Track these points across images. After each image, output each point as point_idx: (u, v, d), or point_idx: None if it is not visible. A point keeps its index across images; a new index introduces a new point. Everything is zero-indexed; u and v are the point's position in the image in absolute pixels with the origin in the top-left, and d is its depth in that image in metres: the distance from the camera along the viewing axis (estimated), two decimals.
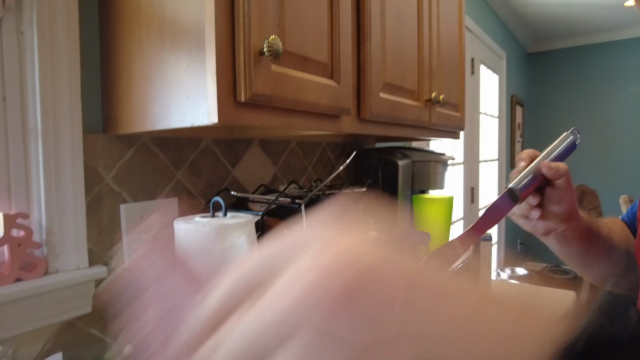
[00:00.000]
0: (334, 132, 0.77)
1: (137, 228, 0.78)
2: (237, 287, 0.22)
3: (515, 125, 4.00)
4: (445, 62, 1.21)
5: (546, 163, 0.54)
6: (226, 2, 0.54)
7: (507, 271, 3.30)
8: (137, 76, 0.65)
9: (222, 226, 0.60)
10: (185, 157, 0.87)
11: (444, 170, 1.33)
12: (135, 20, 0.65)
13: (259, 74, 0.56)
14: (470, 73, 2.70)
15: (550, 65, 4.52)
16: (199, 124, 0.56)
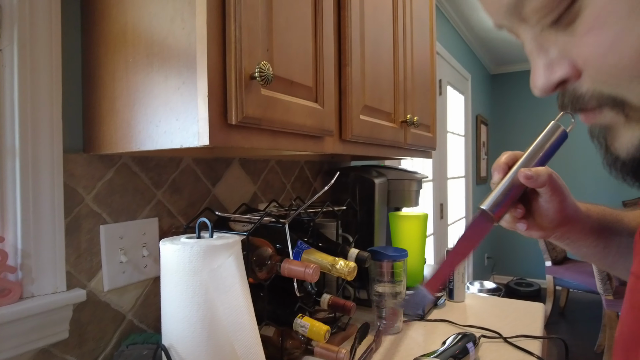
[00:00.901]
0: (317, 152, 0.79)
1: (117, 249, 0.77)
2: None
3: (480, 143, 4.17)
4: (418, 86, 1.26)
5: (523, 172, 0.47)
6: (217, 27, 0.55)
7: (476, 284, 3.38)
8: (122, 97, 0.65)
9: (210, 247, 0.60)
10: (166, 177, 0.87)
11: (419, 188, 1.37)
12: (121, 40, 0.65)
13: (250, 97, 0.57)
14: (438, 94, 2.81)
15: (511, 86, 4.75)
16: (189, 145, 0.56)
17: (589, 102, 0.32)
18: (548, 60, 0.32)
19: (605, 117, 0.32)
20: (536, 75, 0.33)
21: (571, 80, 0.32)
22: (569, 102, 0.34)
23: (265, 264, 0.74)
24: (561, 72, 0.32)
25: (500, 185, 0.48)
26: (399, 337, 1.02)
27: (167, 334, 0.62)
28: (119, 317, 0.78)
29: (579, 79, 0.31)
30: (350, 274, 0.79)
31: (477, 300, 1.29)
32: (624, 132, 0.32)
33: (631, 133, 0.32)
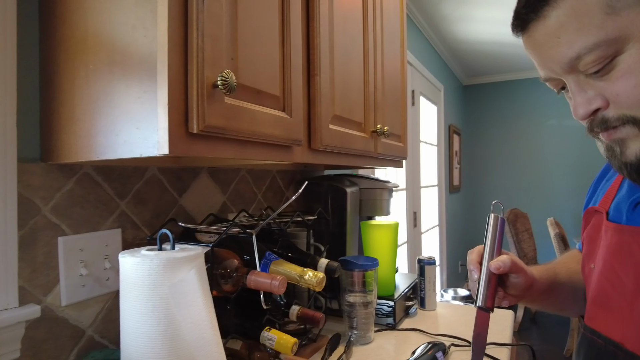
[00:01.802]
0: (286, 162, 0.79)
1: (77, 262, 0.74)
2: None
3: (452, 153, 4.25)
4: (389, 96, 1.28)
5: (493, 265, 0.62)
6: (179, 36, 0.54)
7: (450, 292, 3.42)
8: (82, 105, 0.63)
9: (171, 260, 0.58)
10: (130, 187, 0.84)
11: (390, 197, 1.38)
12: (81, 47, 0.63)
13: (212, 106, 0.56)
14: (411, 104, 2.85)
15: (483, 98, 4.88)
16: (149, 155, 0.55)
17: (614, 122, 0.49)
18: (587, 97, 0.50)
19: (622, 132, 0.50)
20: (579, 107, 0.51)
21: (601, 110, 0.50)
22: (597, 124, 0.51)
23: (231, 276, 0.72)
24: (597, 104, 0.50)
25: (481, 282, 0.62)
26: (370, 348, 1.01)
27: (126, 350, 0.60)
28: (78, 333, 0.75)
29: (606, 109, 0.50)
30: (318, 285, 0.78)
31: (448, 309, 1.30)
32: (634, 143, 0.50)
33: (636, 144, 0.49)
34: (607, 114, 0.49)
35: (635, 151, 0.49)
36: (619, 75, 0.46)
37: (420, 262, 1.28)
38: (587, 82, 0.49)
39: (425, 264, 1.27)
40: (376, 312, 1.13)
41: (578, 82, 0.50)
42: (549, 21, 0.49)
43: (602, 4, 0.45)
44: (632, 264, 0.52)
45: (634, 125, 0.48)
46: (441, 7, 2.88)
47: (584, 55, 0.47)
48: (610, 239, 0.57)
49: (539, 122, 4.55)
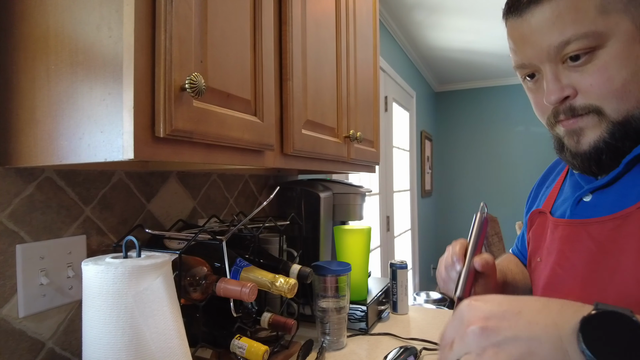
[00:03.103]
0: (257, 166, 0.78)
1: (37, 271, 0.70)
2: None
3: (424, 158, 4.32)
4: (362, 101, 1.29)
5: (478, 262, 0.64)
6: (146, 37, 0.53)
7: (422, 295, 3.46)
8: (43, 106, 0.60)
9: (136, 268, 0.57)
10: (96, 192, 0.81)
11: (363, 201, 1.38)
12: (42, 47, 0.60)
13: (180, 109, 0.55)
14: (384, 110, 2.89)
15: (454, 104, 4.99)
16: (113, 159, 0.53)
17: (579, 110, 0.56)
18: (560, 85, 0.56)
19: (584, 121, 0.56)
20: (552, 93, 0.57)
21: (571, 97, 0.56)
22: (563, 111, 0.57)
23: (199, 284, 0.70)
24: (568, 92, 0.56)
25: (463, 275, 0.65)
26: (343, 353, 1.01)
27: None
28: (37, 346, 0.71)
29: (574, 99, 0.56)
30: (290, 292, 0.78)
31: (420, 313, 1.32)
32: (590, 133, 0.56)
33: (594, 133, 0.56)
34: (575, 102, 0.56)
35: (590, 141, 0.56)
36: (595, 68, 0.53)
37: (392, 266, 1.29)
38: (563, 73, 0.56)
39: (397, 268, 1.28)
40: (349, 317, 1.13)
41: (555, 72, 0.57)
42: (549, 9, 0.55)
43: (598, 4, 0.53)
44: (583, 250, 0.58)
45: (597, 115, 0.55)
46: (413, 14, 2.94)
47: (573, 41, 0.53)
48: (561, 232, 0.63)
49: (507, 129, 4.69)
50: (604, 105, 0.54)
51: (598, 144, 0.56)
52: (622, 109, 0.54)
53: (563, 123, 0.58)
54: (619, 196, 0.56)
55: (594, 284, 0.56)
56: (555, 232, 0.64)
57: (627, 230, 0.53)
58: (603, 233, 0.56)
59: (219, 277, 0.72)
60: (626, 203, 0.55)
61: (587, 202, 0.61)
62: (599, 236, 0.56)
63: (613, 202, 0.57)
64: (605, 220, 0.56)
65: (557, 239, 0.63)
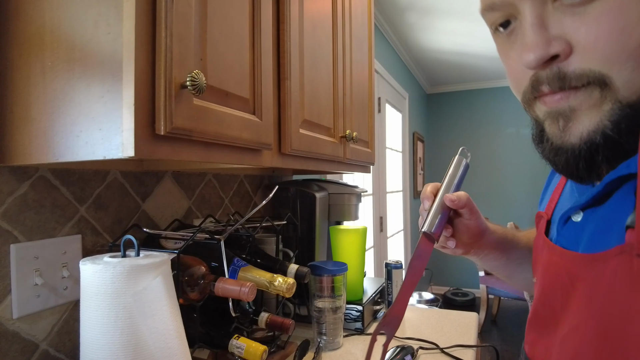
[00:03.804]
0: (255, 165, 0.77)
1: (31, 271, 0.69)
2: None
3: (417, 159, 4.34)
4: (357, 102, 1.29)
5: (448, 197, 0.56)
6: (146, 34, 0.52)
7: (415, 295, 3.48)
8: (39, 103, 0.59)
9: (135, 267, 0.56)
10: (91, 191, 0.80)
11: (358, 202, 1.38)
12: (37, 42, 0.60)
13: (180, 107, 0.55)
14: (377, 111, 2.90)
15: (446, 106, 5.03)
16: (112, 157, 0.52)
17: (574, 80, 0.36)
18: (547, 36, 0.36)
19: (579, 97, 0.36)
20: (534, 47, 0.36)
21: (560, 58, 0.36)
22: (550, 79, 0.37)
23: (197, 283, 0.70)
24: (558, 48, 0.36)
25: (432, 210, 0.57)
26: (339, 353, 1.01)
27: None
28: (31, 348, 0.70)
29: (567, 60, 0.36)
30: (289, 291, 0.77)
31: (414, 312, 1.32)
32: (585, 116, 0.36)
33: (589, 119, 0.36)
34: (568, 65, 0.36)
35: (583, 129, 0.37)
36: (604, 9, 0.33)
37: (387, 266, 1.30)
38: (554, 15, 0.36)
39: (392, 268, 1.29)
40: (345, 317, 1.13)
41: (539, 13, 0.37)
42: None
43: None
44: (560, 287, 0.44)
45: (600, 88, 0.35)
46: (406, 16, 2.95)
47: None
48: (545, 257, 0.49)
49: (498, 131, 4.73)
50: (612, 72, 0.34)
51: (594, 137, 0.36)
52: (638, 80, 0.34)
53: (546, 99, 0.39)
54: (605, 225, 0.39)
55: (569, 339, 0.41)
56: (543, 253, 0.51)
57: (600, 281, 0.38)
58: (578, 274, 0.41)
59: (216, 276, 0.71)
60: (608, 239, 0.38)
61: (575, 223, 0.44)
62: (575, 277, 0.41)
63: (598, 231, 0.40)
64: (581, 260, 0.41)
65: (542, 264, 0.50)
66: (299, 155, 0.91)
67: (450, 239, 0.60)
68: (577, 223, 0.44)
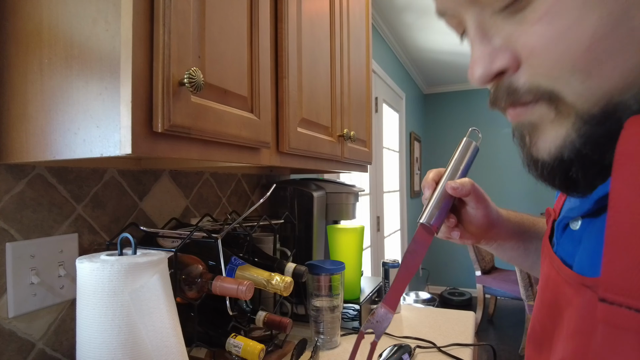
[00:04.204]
0: (254, 164, 0.77)
1: (27, 270, 0.69)
2: None
3: (413, 159, 4.35)
4: (355, 101, 1.29)
5: (450, 184, 0.50)
6: (144, 31, 0.52)
7: (412, 295, 3.48)
8: (36, 101, 0.59)
9: (132, 265, 0.56)
10: (88, 190, 0.80)
11: (355, 201, 1.39)
12: (35, 40, 0.59)
13: (178, 104, 0.54)
14: (375, 111, 2.90)
15: (443, 106, 5.04)
16: (110, 154, 0.52)
17: (524, 95, 0.32)
18: (491, 48, 0.32)
19: (535, 113, 0.32)
20: (476, 64, 0.33)
21: (509, 71, 0.32)
22: (502, 95, 0.33)
23: (195, 282, 0.70)
24: (502, 62, 0.32)
25: (432, 199, 0.52)
26: (337, 352, 1.01)
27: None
28: (27, 347, 0.70)
29: (517, 72, 0.32)
30: (286, 290, 0.77)
31: (412, 311, 1.32)
32: (549, 131, 0.32)
33: (555, 133, 0.31)
34: (517, 80, 0.32)
35: (550, 145, 0.32)
36: (536, 16, 0.29)
37: (384, 265, 1.30)
38: (494, 24, 0.32)
39: (389, 267, 1.29)
40: (342, 316, 1.13)
41: (481, 24, 0.33)
42: None
43: None
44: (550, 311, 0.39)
45: (550, 103, 0.31)
46: (403, 16, 2.96)
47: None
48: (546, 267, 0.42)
49: (494, 131, 4.74)
50: (559, 86, 0.30)
51: (562, 152, 0.31)
52: (593, 90, 0.28)
53: (508, 112, 0.35)
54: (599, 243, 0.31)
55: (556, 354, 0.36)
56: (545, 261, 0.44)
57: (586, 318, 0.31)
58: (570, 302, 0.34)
59: (214, 275, 0.71)
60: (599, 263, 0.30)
61: (574, 232, 0.38)
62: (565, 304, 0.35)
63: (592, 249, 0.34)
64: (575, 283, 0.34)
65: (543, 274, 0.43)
66: (297, 154, 0.91)
67: (455, 230, 0.55)
68: (575, 232, 0.38)
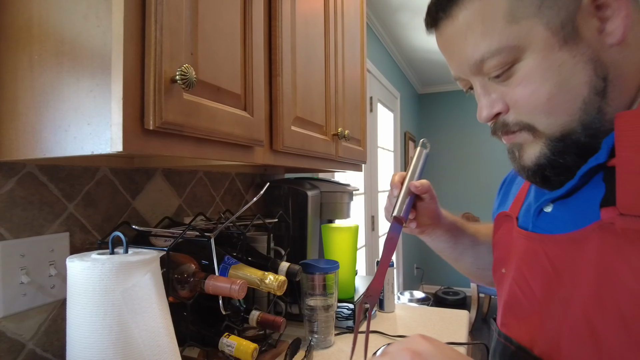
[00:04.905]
0: (247, 162, 0.77)
1: (17, 269, 0.68)
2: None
3: (408, 159, 4.36)
4: (349, 100, 1.29)
5: (414, 184, 0.67)
6: (136, 27, 0.51)
7: (406, 294, 3.49)
8: (26, 98, 0.58)
9: (123, 264, 0.55)
10: (80, 188, 0.79)
11: (350, 200, 1.38)
12: (25, 35, 0.58)
13: (170, 101, 0.54)
14: (369, 110, 2.90)
15: (437, 106, 5.05)
16: (101, 152, 0.52)
17: (512, 127, 0.51)
18: (491, 100, 0.52)
19: (520, 138, 0.52)
20: (483, 109, 0.53)
21: (502, 113, 0.52)
22: (499, 128, 0.53)
23: (187, 281, 0.69)
24: (498, 107, 0.51)
25: (400, 197, 0.67)
26: (331, 351, 1.01)
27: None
28: (17, 347, 0.69)
29: (507, 113, 0.51)
30: (280, 289, 0.77)
31: (406, 311, 1.32)
32: (530, 148, 0.51)
33: (533, 149, 0.51)
34: (507, 118, 0.51)
35: (531, 156, 0.51)
36: (517, 82, 0.48)
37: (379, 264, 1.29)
38: (492, 86, 0.51)
39: None
40: (336, 315, 1.13)
41: (483, 85, 0.52)
42: (458, 21, 0.50)
43: (505, 12, 0.47)
44: (540, 272, 0.51)
45: (529, 132, 0.50)
46: (398, 15, 2.96)
47: (487, 59, 0.49)
48: (520, 245, 0.56)
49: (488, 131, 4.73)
50: (534, 121, 0.49)
51: (539, 160, 0.50)
52: (554, 123, 0.48)
53: (503, 138, 0.54)
54: (578, 211, 0.49)
55: (550, 316, 0.49)
56: (517, 244, 0.58)
57: (582, 256, 0.46)
58: (559, 255, 0.49)
59: (207, 274, 0.70)
60: (583, 221, 0.47)
61: (547, 213, 0.54)
62: (555, 258, 0.50)
63: (572, 217, 0.50)
64: (562, 240, 0.49)
65: (517, 253, 0.57)
66: (291, 152, 0.91)
67: (413, 221, 0.72)
68: (549, 213, 0.53)
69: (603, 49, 0.46)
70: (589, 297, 0.44)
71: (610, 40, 0.46)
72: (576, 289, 0.46)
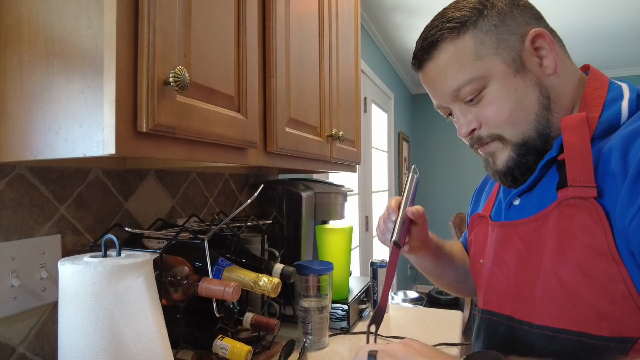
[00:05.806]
0: (240, 164, 0.76)
1: (7, 272, 0.67)
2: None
3: (402, 159, 4.37)
4: (344, 101, 1.29)
5: (410, 210, 0.75)
6: (128, 28, 0.51)
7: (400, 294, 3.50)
8: (16, 99, 0.57)
9: (116, 267, 0.54)
10: (71, 190, 0.78)
11: (344, 201, 1.38)
12: (14, 36, 0.58)
13: (163, 104, 0.53)
14: (364, 111, 2.90)
15: (431, 106, 5.04)
16: (93, 155, 0.51)
17: (485, 139, 0.66)
18: (467, 120, 0.66)
19: (492, 147, 0.66)
20: (462, 127, 0.67)
21: (477, 129, 0.66)
22: (475, 141, 0.68)
23: (181, 284, 0.69)
24: (474, 125, 0.66)
25: (397, 222, 0.74)
26: (325, 352, 1.00)
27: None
28: (7, 351, 0.68)
29: (481, 129, 0.66)
30: (274, 291, 0.77)
31: (400, 311, 1.33)
32: (501, 155, 0.66)
33: (503, 155, 0.66)
34: (481, 133, 0.66)
35: (502, 161, 0.66)
36: (486, 103, 0.63)
37: (373, 265, 1.30)
38: (467, 109, 0.66)
39: (377, 267, 1.29)
40: (330, 316, 1.13)
41: (461, 109, 0.67)
42: (439, 61, 0.65)
43: (473, 53, 0.62)
44: (513, 250, 0.65)
45: (499, 141, 0.65)
46: (393, 16, 2.96)
47: (462, 87, 0.63)
48: (496, 234, 0.70)
49: None
50: (502, 132, 0.64)
51: (508, 163, 0.65)
52: (517, 132, 0.63)
53: (479, 149, 0.69)
54: (540, 198, 0.63)
55: (525, 281, 0.62)
56: (492, 234, 0.71)
57: (546, 229, 0.59)
58: (528, 233, 0.63)
59: (200, 276, 0.70)
60: (545, 204, 0.61)
61: (516, 206, 0.68)
62: (526, 236, 0.63)
63: (536, 204, 0.64)
64: (529, 222, 0.63)
65: (493, 241, 0.70)
66: (285, 153, 0.91)
67: (406, 244, 0.79)
68: (517, 205, 0.68)
69: (544, 77, 0.62)
70: (554, 255, 0.57)
71: (548, 71, 0.62)
72: (544, 253, 0.59)
